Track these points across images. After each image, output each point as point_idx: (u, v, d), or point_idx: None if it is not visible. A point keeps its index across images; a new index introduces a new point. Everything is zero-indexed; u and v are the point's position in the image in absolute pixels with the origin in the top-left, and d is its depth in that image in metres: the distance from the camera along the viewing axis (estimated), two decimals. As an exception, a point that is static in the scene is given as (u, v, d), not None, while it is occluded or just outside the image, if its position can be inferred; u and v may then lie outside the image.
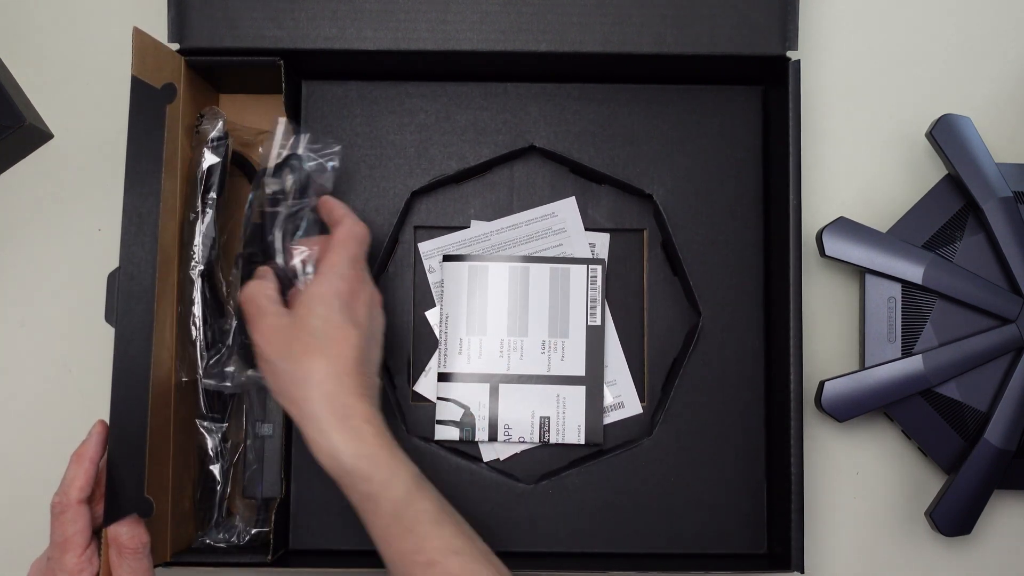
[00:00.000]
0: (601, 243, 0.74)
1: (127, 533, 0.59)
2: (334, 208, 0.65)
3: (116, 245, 0.74)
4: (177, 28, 0.68)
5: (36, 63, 0.76)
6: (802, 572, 0.66)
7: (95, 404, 0.74)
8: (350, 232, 0.63)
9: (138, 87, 0.63)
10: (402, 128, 0.73)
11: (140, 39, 0.63)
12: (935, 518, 0.70)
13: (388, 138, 0.73)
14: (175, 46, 0.68)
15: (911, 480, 0.74)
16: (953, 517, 0.70)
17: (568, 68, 0.72)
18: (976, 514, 0.70)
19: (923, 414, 0.71)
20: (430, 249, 0.74)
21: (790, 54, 0.68)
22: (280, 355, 0.59)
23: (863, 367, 0.71)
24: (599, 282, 0.73)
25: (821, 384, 0.70)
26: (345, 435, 0.57)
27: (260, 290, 0.61)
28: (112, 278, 0.66)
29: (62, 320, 0.74)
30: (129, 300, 0.62)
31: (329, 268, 0.61)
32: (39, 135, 0.74)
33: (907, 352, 0.71)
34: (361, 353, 0.60)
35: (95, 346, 0.74)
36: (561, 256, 0.74)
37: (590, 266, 0.73)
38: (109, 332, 0.74)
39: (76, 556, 0.58)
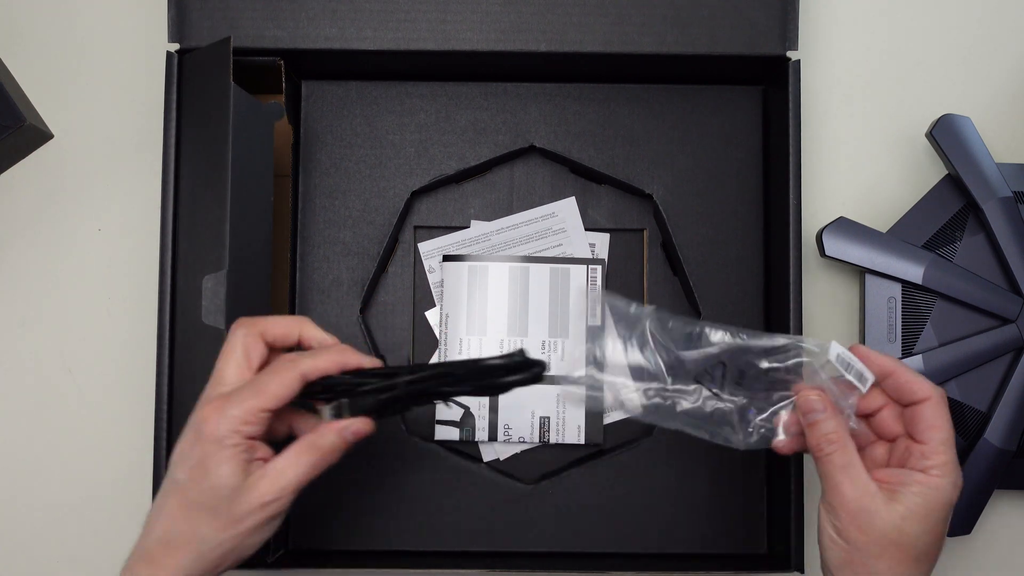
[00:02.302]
0: (601, 243, 0.74)
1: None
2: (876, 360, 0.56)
3: (116, 245, 0.75)
4: (177, 28, 0.68)
5: (36, 63, 0.76)
6: (802, 572, 0.66)
7: (95, 404, 0.74)
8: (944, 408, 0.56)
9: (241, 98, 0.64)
10: (402, 128, 0.73)
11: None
12: (935, 518, 0.70)
13: (388, 138, 0.73)
14: (175, 46, 0.68)
15: (911, 480, 0.74)
16: (953, 517, 0.70)
17: (568, 68, 0.72)
18: (976, 514, 0.70)
19: (923, 414, 0.71)
20: (430, 249, 0.74)
21: (790, 54, 0.68)
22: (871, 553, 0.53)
23: (863, 367, 0.71)
24: (599, 282, 0.73)
25: (821, 384, 0.70)
26: None
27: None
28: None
29: (62, 320, 0.74)
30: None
31: (944, 469, 0.54)
32: (39, 135, 0.74)
33: (907, 352, 0.71)
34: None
35: (95, 346, 0.74)
36: (561, 256, 0.74)
37: (590, 266, 0.73)
38: (109, 332, 0.74)
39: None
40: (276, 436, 0.58)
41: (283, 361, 0.55)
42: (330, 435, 0.55)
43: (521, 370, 0.55)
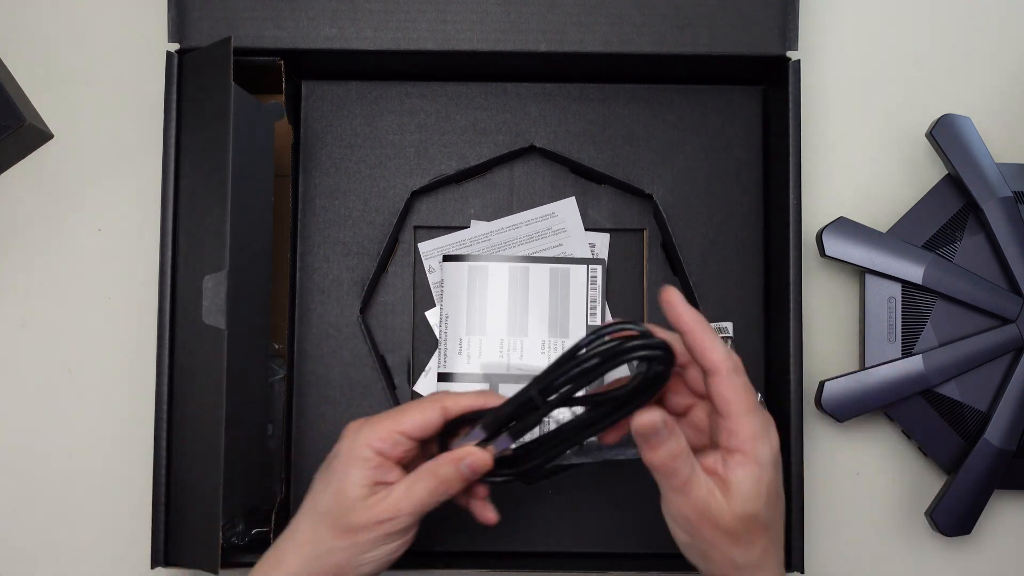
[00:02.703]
0: (601, 243, 0.74)
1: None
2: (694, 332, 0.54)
3: (116, 245, 0.75)
4: (177, 28, 0.68)
5: (36, 63, 0.76)
6: (802, 572, 0.66)
7: (95, 404, 0.74)
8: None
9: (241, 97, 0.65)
10: (402, 128, 0.73)
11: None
12: (935, 518, 0.70)
13: (388, 138, 0.73)
14: (175, 46, 0.68)
15: (911, 480, 0.74)
16: (953, 517, 0.70)
17: (568, 68, 0.72)
18: (976, 514, 0.70)
19: (923, 414, 0.71)
20: (430, 249, 0.74)
21: (790, 54, 0.68)
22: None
23: (863, 367, 0.71)
24: (599, 282, 0.73)
25: (821, 384, 0.70)
26: None
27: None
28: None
29: (62, 320, 0.74)
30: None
31: (754, 440, 0.54)
32: (39, 135, 0.74)
33: (907, 352, 0.71)
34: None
35: (95, 346, 0.74)
36: (561, 256, 0.74)
37: (590, 266, 0.73)
38: (109, 332, 0.75)
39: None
40: None
41: (429, 395, 0.59)
42: (447, 465, 0.56)
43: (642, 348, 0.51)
